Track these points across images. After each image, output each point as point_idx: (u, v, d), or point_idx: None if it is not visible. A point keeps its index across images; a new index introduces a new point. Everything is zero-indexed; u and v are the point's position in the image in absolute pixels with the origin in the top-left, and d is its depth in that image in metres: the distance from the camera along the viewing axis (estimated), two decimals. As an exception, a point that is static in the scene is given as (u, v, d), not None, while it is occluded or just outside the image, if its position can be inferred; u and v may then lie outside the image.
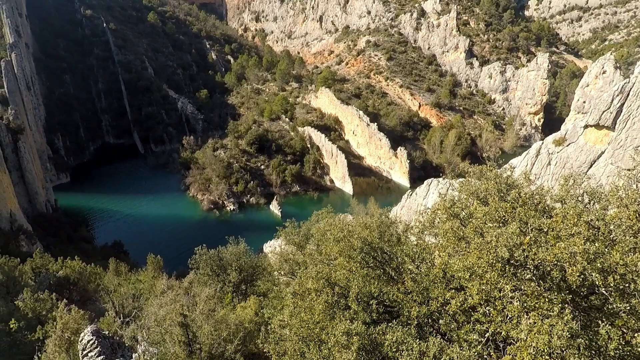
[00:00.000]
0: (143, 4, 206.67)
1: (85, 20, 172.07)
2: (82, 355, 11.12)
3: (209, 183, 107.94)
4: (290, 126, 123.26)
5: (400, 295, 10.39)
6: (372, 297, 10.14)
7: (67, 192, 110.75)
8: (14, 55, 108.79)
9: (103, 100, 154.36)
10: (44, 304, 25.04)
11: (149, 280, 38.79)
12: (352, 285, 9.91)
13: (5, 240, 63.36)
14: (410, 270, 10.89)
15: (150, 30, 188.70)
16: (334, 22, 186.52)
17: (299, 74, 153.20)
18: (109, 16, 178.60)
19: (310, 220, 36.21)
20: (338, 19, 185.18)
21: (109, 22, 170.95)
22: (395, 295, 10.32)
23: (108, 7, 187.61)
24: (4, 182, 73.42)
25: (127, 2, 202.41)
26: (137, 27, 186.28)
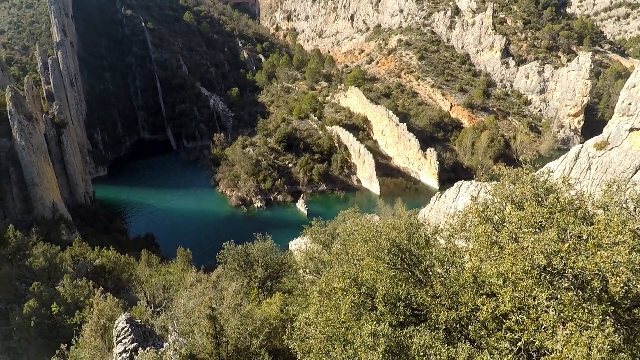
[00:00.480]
0: (179, 3, 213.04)
1: (126, 19, 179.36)
2: (116, 341, 11.62)
3: (238, 180, 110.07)
4: (319, 125, 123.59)
5: (428, 298, 10.20)
6: (400, 299, 10.00)
7: (104, 184, 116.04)
8: (59, 53, 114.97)
9: (140, 97, 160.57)
10: (82, 290, 26.41)
11: (178, 272, 39.98)
12: (379, 287, 9.81)
13: (47, 228, 67.23)
14: (439, 273, 10.66)
15: (186, 29, 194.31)
16: (365, 21, 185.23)
17: (329, 73, 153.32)
18: (148, 16, 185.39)
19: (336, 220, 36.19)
20: (369, 18, 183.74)
21: (147, 22, 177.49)
22: (423, 298, 10.14)
23: (147, 7, 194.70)
24: (47, 174, 77.79)
25: (164, 2, 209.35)
26: (173, 26, 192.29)
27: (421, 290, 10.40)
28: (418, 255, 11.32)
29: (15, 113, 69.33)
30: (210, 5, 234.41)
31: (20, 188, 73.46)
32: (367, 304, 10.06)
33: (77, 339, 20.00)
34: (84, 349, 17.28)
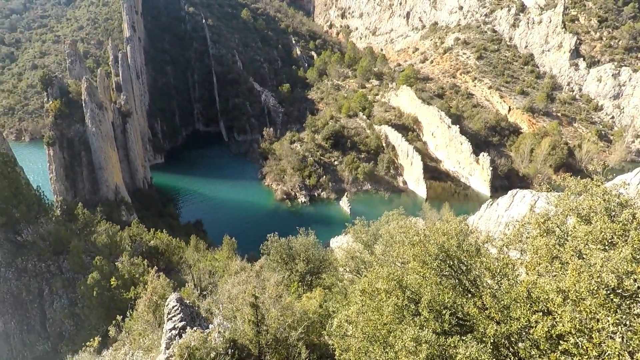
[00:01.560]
0: (238, 1, 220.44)
1: (188, 16, 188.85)
2: (167, 318, 12.32)
3: (284, 174, 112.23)
4: (367, 124, 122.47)
5: (475, 309, 9.75)
6: (445, 307, 9.65)
7: (160, 171, 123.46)
8: (129, 48, 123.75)
9: (197, 91, 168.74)
10: (138, 268, 28.41)
11: (223, 259, 41.61)
12: (424, 292, 9.53)
13: (110, 209, 72.90)
14: (489, 284, 10.14)
15: (243, 26, 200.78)
16: (422, 19, 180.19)
17: (380, 71, 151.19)
18: (208, 12, 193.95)
19: (379, 221, 35.71)
20: (426, 15, 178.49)
21: (208, 19, 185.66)
22: (470, 308, 9.71)
23: (208, 5, 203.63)
24: (113, 158, 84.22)
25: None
26: (231, 23, 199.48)
27: (469, 300, 9.96)
28: (467, 263, 10.86)
29: (88, 102, 75.69)
30: (267, 3, 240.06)
31: (89, 170, 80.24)
32: (411, 308, 9.82)
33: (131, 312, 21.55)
34: (137, 322, 18.55)
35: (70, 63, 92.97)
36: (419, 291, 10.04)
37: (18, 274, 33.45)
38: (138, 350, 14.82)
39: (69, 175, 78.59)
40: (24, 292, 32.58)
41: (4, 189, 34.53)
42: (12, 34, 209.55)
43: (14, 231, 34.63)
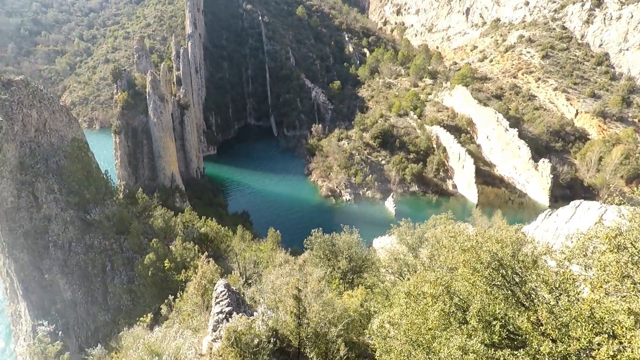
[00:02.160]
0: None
1: (245, 14, 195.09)
2: (214, 302, 12.91)
3: (330, 171, 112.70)
4: (418, 124, 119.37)
5: (529, 324, 9.18)
6: (495, 318, 9.19)
7: (212, 162, 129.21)
8: (189, 44, 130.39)
9: (250, 86, 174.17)
10: (189, 252, 30.08)
11: (268, 251, 42.76)
12: (473, 300, 9.14)
13: (166, 195, 77.61)
14: (545, 299, 9.50)
15: (297, 22, 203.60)
16: (482, 15, 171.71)
17: (435, 69, 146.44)
18: (265, 10, 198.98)
19: (426, 224, 34.77)
20: (488, 12, 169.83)
21: (264, 16, 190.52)
22: (523, 323, 9.16)
23: (265, 2, 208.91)
24: (170, 148, 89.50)
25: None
26: (286, 20, 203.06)
27: (522, 314, 9.40)
28: (522, 274, 10.26)
29: (152, 94, 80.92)
30: (322, 0, 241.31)
31: (150, 158, 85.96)
32: (458, 315, 9.47)
33: (181, 293, 22.86)
34: (186, 303, 19.64)
35: (137, 58, 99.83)
36: (467, 299, 9.65)
37: (86, 249, 36.78)
38: (187, 330, 15.69)
39: (132, 162, 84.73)
40: (90, 266, 35.78)
41: (78, 171, 38.06)
42: (89, 30, 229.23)
43: (84, 210, 38.09)
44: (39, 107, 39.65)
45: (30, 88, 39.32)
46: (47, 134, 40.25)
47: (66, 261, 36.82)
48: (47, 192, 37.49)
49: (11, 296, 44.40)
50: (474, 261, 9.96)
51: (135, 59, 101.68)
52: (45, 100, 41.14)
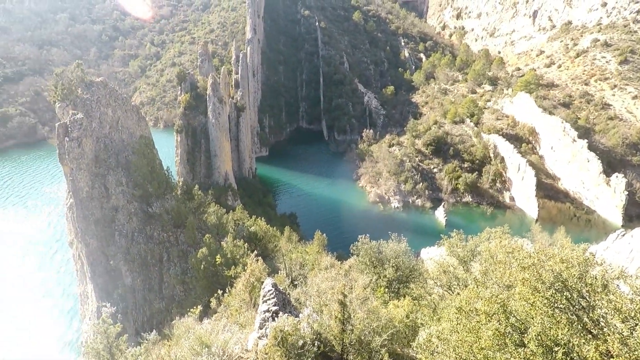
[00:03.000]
0: (351, 3, 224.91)
1: (303, 19, 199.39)
2: (262, 300, 13.24)
3: (379, 177, 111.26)
4: (474, 132, 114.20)
5: (596, 355, 8.37)
6: (557, 343, 8.49)
7: (264, 163, 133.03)
8: (248, 49, 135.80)
9: (304, 89, 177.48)
10: (239, 250, 31.22)
11: (314, 254, 43.11)
12: (533, 322, 8.52)
13: (219, 193, 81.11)
14: (618, 328, 8.61)
15: (353, 27, 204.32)
16: (552, 18, 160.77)
17: (495, 75, 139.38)
18: (322, 15, 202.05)
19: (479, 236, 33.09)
20: (558, 14, 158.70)
21: (321, 21, 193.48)
22: (590, 352, 8.37)
23: (322, 8, 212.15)
24: (226, 148, 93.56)
25: (338, 2, 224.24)
26: (342, 25, 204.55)
27: (589, 342, 8.60)
28: (590, 299, 9.39)
29: (212, 96, 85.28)
30: (379, 5, 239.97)
31: (206, 157, 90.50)
32: (514, 337, 8.88)
33: (230, 289, 23.73)
34: (234, 298, 20.35)
35: (200, 62, 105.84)
36: (526, 320, 9.02)
37: (146, 239, 39.56)
38: (234, 325, 16.23)
39: (190, 159, 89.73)
40: (149, 256, 38.41)
41: (143, 167, 41.14)
42: (160, 36, 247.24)
43: (147, 203, 41.02)
44: (114, 106, 43.41)
45: (108, 89, 43.19)
46: (119, 130, 43.95)
47: (129, 249, 39.83)
48: (116, 184, 40.89)
49: (81, 278, 48.85)
50: (535, 280, 9.29)
51: (199, 63, 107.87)
52: (120, 100, 44.95)
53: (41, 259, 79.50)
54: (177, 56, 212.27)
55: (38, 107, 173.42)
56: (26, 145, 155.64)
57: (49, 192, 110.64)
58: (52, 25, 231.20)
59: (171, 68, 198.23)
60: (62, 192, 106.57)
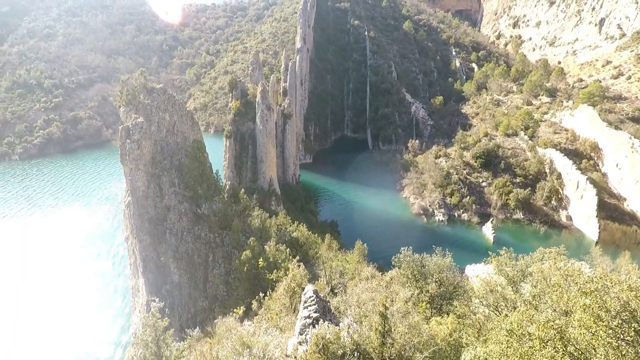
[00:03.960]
0: (402, 13, 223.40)
1: (352, 29, 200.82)
2: (303, 306, 13.35)
3: (424, 189, 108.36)
4: (529, 145, 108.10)
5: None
6: (622, 380, 7.78)
7: (307, 170, 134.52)
8: (298, 58, 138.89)
9: (350, 98, 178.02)
10: (281, 254, 31.76)
11: (354, 263, 42.78)
12: (595, 353, 7.87)
13: (263, 197, 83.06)
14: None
15: (403, 37, 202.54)
16: (621, 26, 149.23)
17: (554, 87, 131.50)
18: (371, 25, 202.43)
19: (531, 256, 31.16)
20: (629, 22, 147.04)
21: (370, 31, 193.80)
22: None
23: (372, 18, 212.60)
24: (271, 154, 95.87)
25: (388, 12, 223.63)
26: (392, 34, 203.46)
27: (660, 382, 7.79)
28: (663, 334, 8.51)
29: (261, 103, 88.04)
30: (431, 14, 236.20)
31: (252, 162, 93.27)
32: (572, 368, 8.24)
33: (270, 292, 24.14)
34: (275, 302, 20.67)
35: (251, 70, 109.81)
36: (586, 350, 8.35)
37: (194, 239, 41.42)
38: (274, 328, 16.48)
39: (237, 164, 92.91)
40: (196, 255, 40.14)
41: (195, 169, 43.31)
42: (214, 45, 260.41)
43: (196, 204, 43.03)
44: (171, 111, 46.22)
45: (167, 95, 46.11)
46: (174, 134, 46.65)
47: (178, 248, 41.89)
48: (169, 185, 43.32)
49: (133, 272, 52.03)
50: (598, 308, 8.58)
51: (250, 71, 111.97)
52: (176, 106, 47.79)
53: (99, 252, 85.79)
54: (230, 64, 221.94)
55: (104, 111, 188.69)
56: (92, 146, 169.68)
57: (108, 191, 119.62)
58: (120, 36, 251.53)
59: (224, 76, 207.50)
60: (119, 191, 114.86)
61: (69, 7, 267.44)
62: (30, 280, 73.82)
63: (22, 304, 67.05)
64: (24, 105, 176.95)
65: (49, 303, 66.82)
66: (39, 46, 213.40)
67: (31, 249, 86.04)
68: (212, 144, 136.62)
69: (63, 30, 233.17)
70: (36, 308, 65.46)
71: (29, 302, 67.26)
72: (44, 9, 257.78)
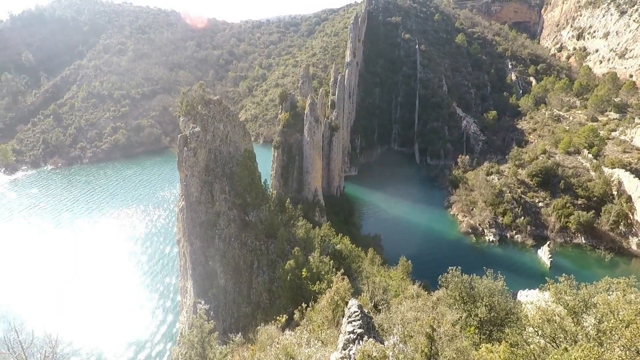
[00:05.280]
0: (455, 26, 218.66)
1: (403, 42, 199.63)
2: (347, 320, 13.24)
3: (473, 206, 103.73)
4: (593, 164, 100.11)
5: None
6: None
7: (352, 182, 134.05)
8: (347, 71, 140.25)
9: (398, 111, 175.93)
10: (325, 266, 31.79)
11: (398, 279, 41.74)
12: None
13: (307, 208, 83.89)
14: None
15: (455, 50, 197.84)
16: None
17: (624, 102, 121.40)
18: (423, 39, 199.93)
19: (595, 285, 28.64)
20: None
21: (421, 44, 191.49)
22: None
23: (424, 31, 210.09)
24: (317, 165, 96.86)
25: (440, 25, 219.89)
26: (444, 47, 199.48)
27: None
28: None
29: (309, 116, 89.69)
30: (486, 27, 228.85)
31: (299, 172, 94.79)
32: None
33: (313, 304, 24.17)
34: (317, 314, 20.67)
35: (301, 83, 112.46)
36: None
37: (241, 245, 42.70)
38: (316, 341, 16.45)
39: (284, 174, 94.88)
40: (241, 261, 41.30)
41: (245, 178, 44.91)
42: (267, 59, 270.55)
43: (244, 212, 44.46)
44: (225, 121, 48.50)
45: (222, 106, 48.50)
46: (227, 144, 48.80)
47: (225, 253, 43.37)
48: (220, 192, 45.21)
49: (183, 274, 54.56)
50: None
51: (300, 84, 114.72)
52: (230, 116, 50.07)
53: (153, 252, 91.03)
54: (281, 78, 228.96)
55: (163, 119, 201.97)
56: (151, 152, 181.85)
57: (162, 195, 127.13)
58: (182, 51, 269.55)
59: (274, 88, 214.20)
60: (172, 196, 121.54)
61: (140, 26, 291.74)
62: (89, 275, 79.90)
63: (82, 295, 72.63)
64: (96, 113, 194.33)
65: (106, 297, 71.84)
66: (112, 60, 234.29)
67: (91, 247, 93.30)
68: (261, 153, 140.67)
69: (133, 46, 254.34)
70: (93, 301, 70.62)
71: (87, 294, 72.73)
72: (118, 27, 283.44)
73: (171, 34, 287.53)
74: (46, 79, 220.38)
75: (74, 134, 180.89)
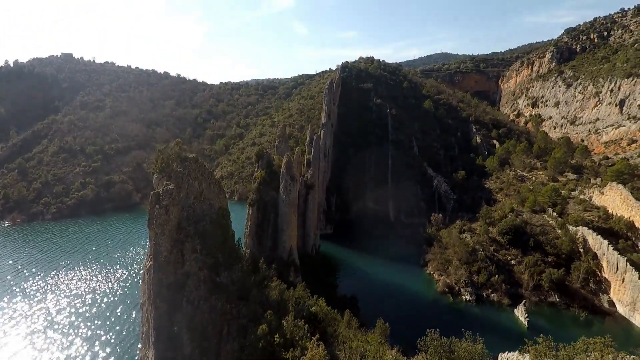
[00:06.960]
0: (422, 93, 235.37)
1: (375, 106, 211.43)
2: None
3: (449, 265, 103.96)
4: (558, 222, 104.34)
5: None
6: None
7: (328, 241, 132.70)
8: (322, 132, 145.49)
9: (372, 171, 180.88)
10: (299, 331, 30.12)
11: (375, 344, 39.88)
12: None
13: (281, 267, 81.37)
14: None
15: (423, 114, 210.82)
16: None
17: (580, 163, 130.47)
18: (393, 103, 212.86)
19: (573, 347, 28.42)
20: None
21: (392, 109, 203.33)
22: None
23: (394, 97, 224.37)
24: (292, 223, 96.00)
25: (409, 92, 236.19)
26: (413, 112, 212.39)
27: None
28: None
29: (285, 174, 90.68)
30: (451, 94, 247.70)
31: (274, 230, 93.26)
32: None
33: (286, 374, 22.44)
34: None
35: (278, 142, 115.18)
36: None
37: (210, 309, 40.21)
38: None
39: (258, 232, 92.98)
40: (210, 327, 38.63)
41: (217, 237, 43.61)
42: (245, 119, 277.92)
43: (215, 272, 42.55)
44: (200, 179, 48.15)
45: (198, 164, 48.43)
46: (201, 201, 48.00)
47: (193, 318, 40.62)
48: (191, 251, 43.47)
49: (145, 341, 50.16)
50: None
51: (277, 143, 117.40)
52: (205, 174, 49.86)
53: (112, 317, 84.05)
54: (258, 137, 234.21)
55: (136, 176, 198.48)
56: (121, 209, 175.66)
57: (127, 255, 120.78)
58: (160, 109, 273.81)
59: (251, 147, 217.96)
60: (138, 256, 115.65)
61: (120, 84, 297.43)
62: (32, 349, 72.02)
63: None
64: (66, 168, 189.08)
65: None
66: (88, 116, 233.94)
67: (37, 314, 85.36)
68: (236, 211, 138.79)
69: (111, 103, 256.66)
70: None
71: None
72: (97, 85, 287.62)
73: (151, 93, 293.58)
74: (15, 133, 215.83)
75: (38, 189, 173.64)
